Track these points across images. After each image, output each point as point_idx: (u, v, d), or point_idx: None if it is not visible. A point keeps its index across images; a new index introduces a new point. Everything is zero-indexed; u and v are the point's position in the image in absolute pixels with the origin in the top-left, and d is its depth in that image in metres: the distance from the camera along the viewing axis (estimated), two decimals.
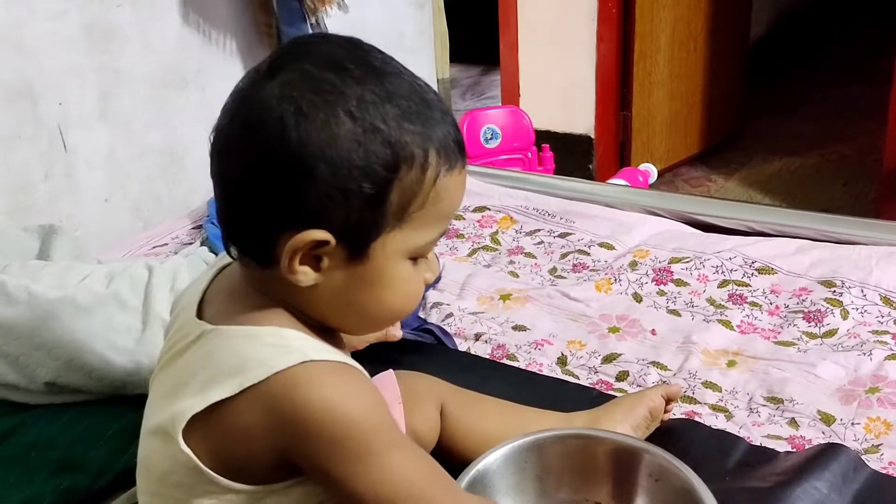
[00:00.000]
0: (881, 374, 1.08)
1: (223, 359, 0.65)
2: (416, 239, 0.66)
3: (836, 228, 1.39)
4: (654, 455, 0.85)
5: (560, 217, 1.54)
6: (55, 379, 0.97)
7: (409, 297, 0.70)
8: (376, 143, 0.62)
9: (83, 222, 1.60)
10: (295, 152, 0.61)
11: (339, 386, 0.64)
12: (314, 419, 0.62)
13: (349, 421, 0.63)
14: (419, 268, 0.69)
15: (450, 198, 0.66)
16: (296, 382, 0.62)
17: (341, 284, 0.66)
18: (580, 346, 1.21)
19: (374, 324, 0.73)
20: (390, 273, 0.66)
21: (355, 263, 0.65)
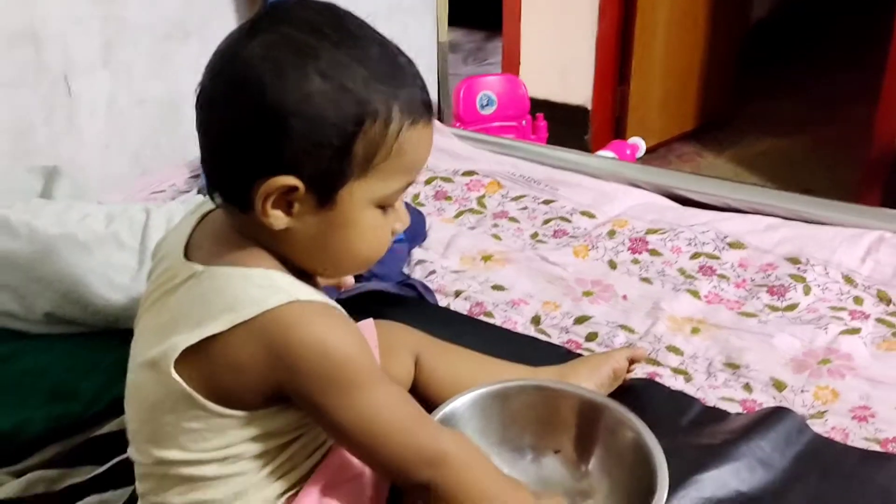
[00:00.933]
0: (834, 348, 1.14)
1: (216, 297, 0.70)
2: (381, 188, 0.70)
3: (806, 209, 1.45)
4: (611, 409, 0.91)
5: (545, 185, 1.59)
6: (53, 310, 1.03)
7: (376, 244, 0.74)
8: (345, 100, 0.67)
9: (83, 167, 1.64)
10: (272, 108, 0.66)
11: (329, 325, 0.70)
12: (306, 355, 0.68)
13: (340, 357, 0.69)
14: (388, 218, 0.74)
15: (413, 151, 0.71)
16: (287, 320, 0.68)
17: (314, 229, 0.71)
18: (554, 307, 1.27)
19: (345, 268, 0.79)
20: (357, 220, 0.71)
21: (325, 209, 0.70)
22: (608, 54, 2.91)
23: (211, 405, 0.70)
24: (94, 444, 0.96)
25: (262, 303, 0.68)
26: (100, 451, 0.94)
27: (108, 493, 0.89)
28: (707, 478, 0.90)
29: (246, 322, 0.68)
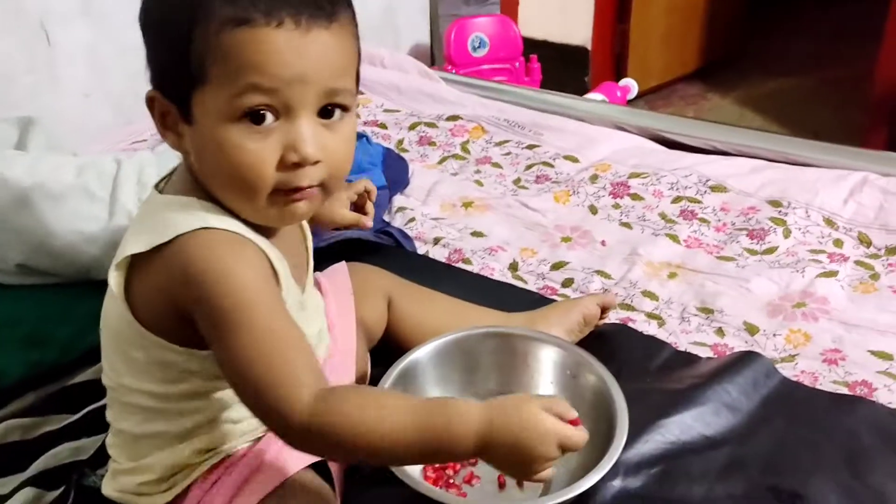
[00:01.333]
0: (810, 291, 1.14)
1: (143, 220, 0.74)
2: (221, 95, 0.67)
3: (792, 150, 1.43)
4: (571, 353, 0.92)
5: (529, 129, 1.57)
6: (25, 261, 1.03)
7: (238, 166, 0.68)
8: (176, 8, 0.68)
9: (64, 116, 1.63)
10: (140, 25, 0.71)
11: (230, 254, 0.69)
12: (202, 280, 0.68)
13: (231, 286, 0.68)
14: (267, 139, 0.68)
15: (241, 55, 0.66)
16: (194, 244, 0.69)
17: (193, 150, 0.71)
18: (532, 253, 1.27)
19: (230, 196, 0.72)
20: (213, 136, 0.68)
21: (191, 127, 0.70)
22: None
23: (147, 332, 0.72)
24: (68, 393, 0.97)
25: (177, 227, 0.69)
26: (73, 400, 0.96)
27: (80, 440, 0.91)
28: (672, 422, 0.91)
29: (163, 245, 0.69)
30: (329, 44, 0.69)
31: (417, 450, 0.68)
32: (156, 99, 0.72)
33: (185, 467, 0.78)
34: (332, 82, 0.69)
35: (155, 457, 0.77)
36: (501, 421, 0.68)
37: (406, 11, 2.45)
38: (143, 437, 0.78)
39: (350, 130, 0.74)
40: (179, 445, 0.77)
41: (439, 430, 0.67)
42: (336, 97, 0.71)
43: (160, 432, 0.77)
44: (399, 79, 1.76)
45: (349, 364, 0.93)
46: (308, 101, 0.68)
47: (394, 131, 1.63)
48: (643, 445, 0.88)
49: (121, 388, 0.77)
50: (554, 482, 0.86)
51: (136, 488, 0.78)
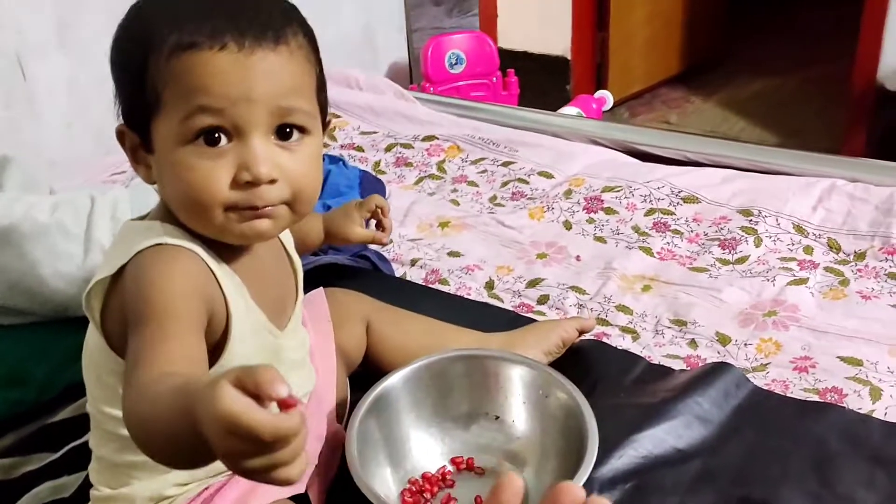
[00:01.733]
0: (780, 299, 1.15)
1: (115, 247, 0.75)
2: (173, 119, 0.69)
3: (762, 158, 1.45)
4: (541, 373, 0.93)
5: (504, 146, 1.59)
6: (2, 301, 1.04)
7: (190, 185, 0.69)
8: (131, 40, 0.71)
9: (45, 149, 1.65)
10: (109, 61, 0.74)
11: (167, 264, 0.70)
12: (134, 285, 0.69)
13: (147, 289, 0.68)
14: (221, 159, 0.69)
15: (188, 77, 0.68)
16: (144, 256, 0.71)
17: (158, 179, 0.73)
18: (508, 270, 1.28)
19: (188, 217, 0.73)
20: (169, 160, 0.70)
21: (152, 156, 0.72)
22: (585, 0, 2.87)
23: (117, 357, 0.73)
24: (48, 432, 0.98)
25: (136, 247, 0.71)
26: (54, 439, 0.96)
27: (62, 478, 0.92)
28: (645, 436, 0.92)
29: (123, 266, 0.71)
30: (276, 63, 0.70)
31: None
32: (125, 133, 0.74)
33: (163, 499, 0.79)
34: (281, 101, 0.70)
35: (132, 487, 0.78)
36: (200, 410, 0.51)
37: (384, 30, 2.47)
38: (121, 465, 0.78)
39: (311, 151, 0.74)
40: (158, 477, 0.78)
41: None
42: (289, 117, 0.71)
43: (137, 462, 0.77)
44: (375, 100, 1.78)
45: (329, 393, 0.95)
46: (258, 120, 0.69)
47: (371, 153, 1.64)
48: (617, 461, 0.89)
49: (99, 414, 0.78)
50: (530, 499, 0.88)
51: None
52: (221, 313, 0.74)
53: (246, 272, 0.77)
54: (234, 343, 0.75)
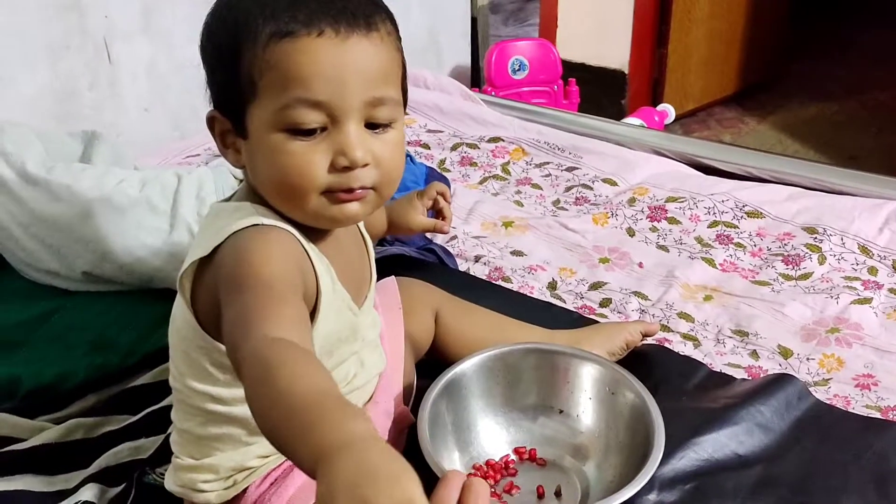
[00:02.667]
0: (844, 317, 1.16)
1: (206, 229, 0.78)
2: (270, 107, 0.71)
3: (827, 178, 1.45)
4: (610, 370, 0.95)
5: (569, 152, 1.62)
6: (91, 269, 1.09)
7: (288, 170, 0.72)
8: (225, 30, 0.73)
9: (124, 130, 1.71)
10: (200, 51, 0.77)
11: (261, 240, 0.72)
12: (231, 260, 0.71)
13: (246, 262, 0.70)
14: (315, 146, 0.72)
15: (286, 65, 0.70)
16: (240, 236, 0.73)
17: (248, 163, 0.76)
18: (571, 273, 1.31)
19: (281, 201, 0.75)
20: (264, 145, 0.72)
21: (246, 141, 0.75)
22: (646, 15, 2.88)
23: (208, 336, 0.75)
24: (129, 395, 1.02)
25: (230, 228, 0.73)
26: (134, 402, 1.00)
27: (140, 440, 0.96)
28: (706, 440, 0.94)
29: (218, 246, 0.73)
30: (370, 49, 0.72)
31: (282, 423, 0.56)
32: (216, 118, 0.77)
33: (245, 469, 0.82)
34: (375, 90, 0.73)
35: (216, 458, 0.81)
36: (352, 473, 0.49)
37: (448, 34, 2.51)
38: (205, 437, 0.81)
39: (398, 138, 0.77)
40: (241, 449, 0.81)
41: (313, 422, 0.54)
42: (381, 107, 0.74)
43: (221, 435, 0.80)
44: (442, 100, 1.81)
45: (397, 376, 0.98)
46: (353, 107, 0.72)
47: (436, 151, 1.68)
48: (678, 462, 0.91)
49: (185, 389, 0.81)
50: (591, 495, 0.90)
51: (196, 485, 0.82)
52: (312, 291, 0.77)
53: (331, 253, 0.80)
54: (319, 322, 0.77)
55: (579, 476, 0.92)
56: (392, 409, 0.93)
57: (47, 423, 0.99)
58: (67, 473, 0.94)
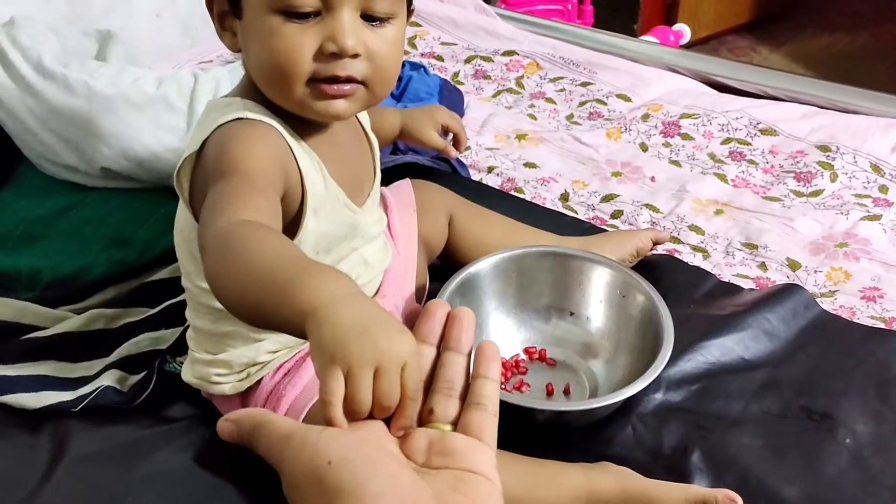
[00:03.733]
0: (853, 232, 1.17)
1: (200, 124, 0.78)
2: None
3: (843, 98, 1.45)
4: (622, 274, 0.97)
5: (584, 67, 1.60)
6: (109, 165, 1.10)
7: (275, 53, 0.71)
8: None
9: (134, 35, 1.68)
10: None
11: (247, 135, 0.73)
12: (215, 153, 0.72)
13: (228, 152, 0.71)
14: (307, 29, 0.71)
15: None
16: (224, 129, 0.73)
17: (243, 46, 0.75)
18: (583, 185, 1.31)
19: (269, 86, 0.75)
20: (257, 26, 0.71)
21: (241, 22, 0.74)
22: None
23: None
24: (148, 289, 1.04)
25: (217, 122, 0.74)
26: (152, 295, 1.02)
27: (160, 331, 0.98)
28: (713, 344, 0.96)
29: (206, 140, 0.74)
30: None
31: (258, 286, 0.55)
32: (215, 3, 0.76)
33: (257, 364, 0.84)
34: None
35: (229, 353, 0.83)
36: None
37: None
38: (217, 334, 0.83)
39: (396, 35, 0.75)
40: (252, 345, 0.83)
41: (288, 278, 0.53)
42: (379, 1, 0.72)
43: (232, 332, 0.82)
44: (456, 13, 1.79)
45: (410, 276, 0.99)
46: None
47: (450, 64, 1.66)
48: (685, 364, 0.94)
49: (194, 288, 0.83)
50: (599, 391, 0.93)
51: (211, 377, 0.84)
52: (297, 188, 0.76)
53: (325, 149, 0.80)
54: (308, 218, 0.77)
55: (588, 375, 0.95)
56: (401, 304, 0.95)
57: (69, 313, 1.01)
58: (89, 361, 0.96)
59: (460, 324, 0.52)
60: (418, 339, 0.51)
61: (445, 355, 0.51)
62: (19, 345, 0.96)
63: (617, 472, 0.81)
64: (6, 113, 1.13)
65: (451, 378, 0.50)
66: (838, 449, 0.85)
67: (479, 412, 0.49)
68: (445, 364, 0.51)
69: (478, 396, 0.50)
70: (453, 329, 0.52)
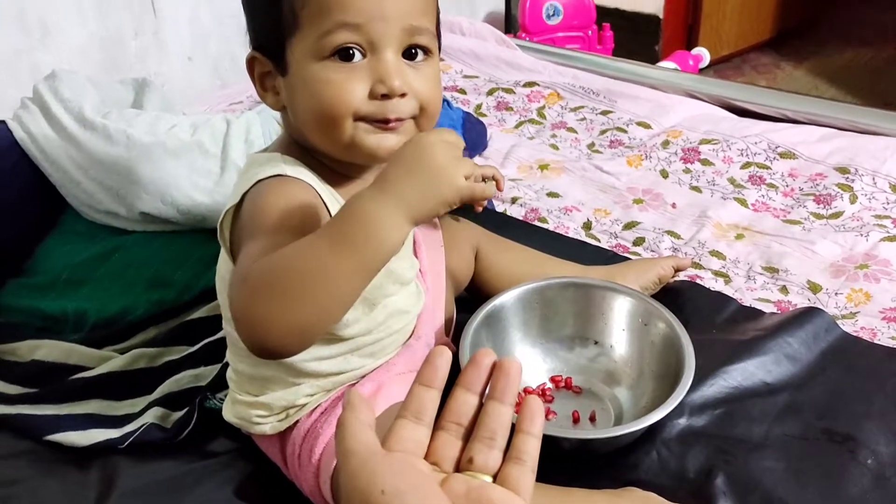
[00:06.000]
0: (873, 254, 1.19)
1: (241, 177, 0.81)
2: (311, 35, 0.74)
3: (861, 119, 1.47)
4: (643, 303, 1.00)
5: (604, 96, 1.64)
6: (149, 210, 1.15)
7: (326, 97, 0.74)
8: None
9: (168, 79, 1.76)
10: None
11: (279, 191, 0.75)
12: (248, 207, 0.76)
13: (259, 207, 0.74)
14: (354, 72, 0.74)
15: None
16: (263, 185, 0.76)
17: (288, 101, 0.79)
18: (605, 213, 1.34)
19: (319, 131, 0.77)
20: (305, 76, 0.75)
21: (286, 78, 0.77)
22: None
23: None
24: (187, 327, 1.08)
25: (257, 176, 0.77)
26: (192, 333, 1.06)
27: (200, 368, 1.02)
28: (735, 369, 0.98)
29: (245, 193, 0.77)
30: None
31: (329, 242, 0.65)
32: (255, 59, 0.79)
33: (295, 406, 0.86)
34: (412, 20, 0.75)
35: (269, 396, 0.85)
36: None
37: None
38: (257, 378, 0.86)
39: (434, 71, 0.78)
40: (291, 388, 0.85)
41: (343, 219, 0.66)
42: (418, 36, 0.76)
43: (272, 376, 0.85)
44: (477, 46, 1.83)
45: (439, 311, 1.02)
46: (391, 36, 0.74)
47: (473, 96, 1.71)
48: (707, 389, 0.96)
49: (234, 332, 0.84)
50: (624, 417, 0.95)
51: (252, 418, 0.87)
52: None
53: None
54: None
55: (613, 402, 0.97)
56: (433, 342, 0.98)
57: (113, 353, 1.05)
58: (133, 399, 1.01)
59: (507, 375, 0.53)
60: (463, 388, 0.53)
61: (489, 405, 0.52)
62: (67, 385, 1.01)
63: (643, 498, 0.83)
64: (50, 163, 1.18)
65: (493, 428, 0.52)
66: (861, 470, 0.87)
67: (518, 466, 0.51)
68: (489, 413, 0.52)
69: (519, 452, 0.51)
70: (499, 380, 0.53)
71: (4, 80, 1.53)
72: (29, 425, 0.97)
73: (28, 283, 1.14)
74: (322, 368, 0.84)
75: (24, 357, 1.06)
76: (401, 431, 0.51)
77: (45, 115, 1.20)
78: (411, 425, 0.52)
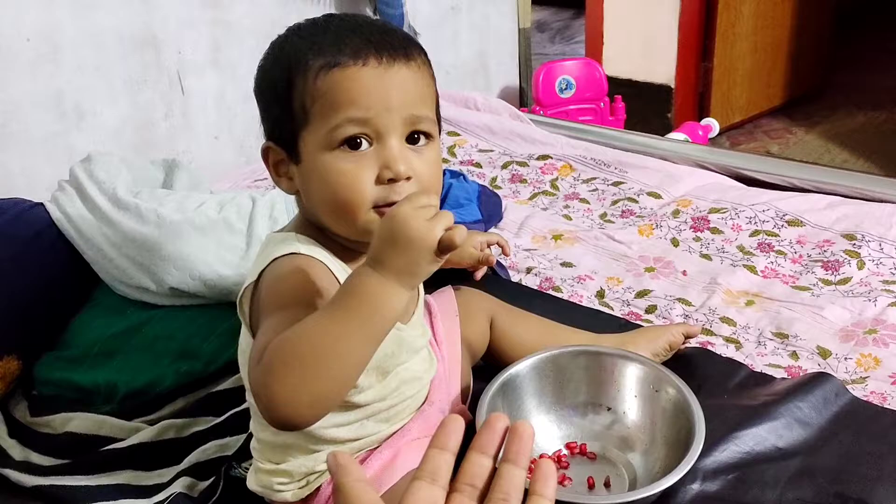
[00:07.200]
0: (882, 319, 1.21)
1: (259, 255, 0.86)
2: (322, 129, 0.79)
3: (867, 186, 1.50)
4: (653, 370, 1.02)
5: (615, 167, 1.69)
6: (178, 285, 1.20)
7: (339, 187, 0.79)
8: (276, 68, 0.82)
9: (196, 157, 1.84)
10: (254, 92, 0.86)
11: (293, 270, 0.80)
12: (263, 285, 0.80)
13: (277, 288, 0.79)
14: (363, 161, 0.79)
15: (336, 91, 0.78)
16: (278, 263, 0.81)
17: (301, 187, 0.84)
18: (618, 282, 1.38)
19: (334, 217, 0.82)
20: (318, 166, 0.80)
21: (299, 166, 0.82)
22: (691, 31, 2.92)
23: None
24: (213, 399, 1.11)
25: (273, 255, 0.82)
26: (218, 405, 1.10)
27: (226, 438, 1.05)
28: (747, 434, 1.00)
29: (262, 272, 0.82)
30: (408, 77, 0.80)
31: (336, 317, 0.70)
32: (270, 149, 0.85)
33: (315, 472, 0.89)
34: (413, 109, 0.80)
35: (290, 464, 0.88)
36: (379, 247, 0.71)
37: (497, 56, 2.61)
38: (279, 446, 0.89)
39: (435, 154, 0.84)
40: (311, 455, 0.88)
41: (344, 296, 0.71)
42: (419, 124, 0.81)
43: (292, 444, 0.88)
44: (492, 121, 1.90)
45: (455, 380, 1.05)
46: (395, 126, 0.79)
47: (488, 170, 1.76)
48: (720, 454, 0.98)
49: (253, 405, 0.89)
50: (638, 482, 0.97)
51: (274, 486, 0.90)
52: None
53: None
54: None
55: (627, 468, 0.99)
56: (447, 409, 1.00)
57: (142, 424, 1.09)
58: (161, 469, 1.04)
59: (520, 438, 0.54)
60: (477, 451, 0.55)
61: (503, 467, 0.54)
62: (99, 456, 1.05)
63: None
64: (85, 241, 1.24)
65: (507, 490, 0.54)
66: None
67: None
68: (503, 476, 0.54)
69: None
70: (513, 443, 0.54)
71: (41, 161, 1.61)
72: (63, 496, 1.00)
73: (62, 355, 1.19)
74: (340, 435, 0.88)
75: (57, 429, 1.10)
76: (417, 493, 0.54)
77: (81, 196, 1.27)
78: (427, 486, 0.54)
